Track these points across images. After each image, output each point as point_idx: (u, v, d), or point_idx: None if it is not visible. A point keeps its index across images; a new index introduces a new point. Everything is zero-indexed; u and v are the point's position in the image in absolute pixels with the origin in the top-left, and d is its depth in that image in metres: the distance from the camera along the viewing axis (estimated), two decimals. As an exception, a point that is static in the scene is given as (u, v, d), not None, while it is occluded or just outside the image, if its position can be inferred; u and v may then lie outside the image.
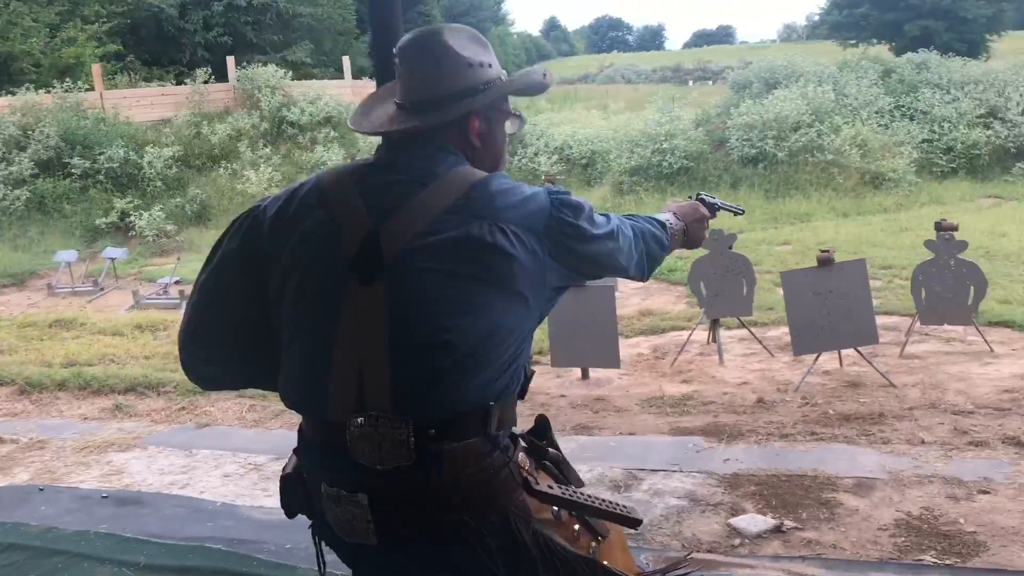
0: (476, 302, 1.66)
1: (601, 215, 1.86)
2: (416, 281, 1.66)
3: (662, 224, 2.06)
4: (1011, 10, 42.68)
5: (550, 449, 1.86)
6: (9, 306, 11.47)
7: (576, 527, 1.79)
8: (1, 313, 10.84)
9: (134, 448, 5.39)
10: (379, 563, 1.77)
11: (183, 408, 6.25)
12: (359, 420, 1.66)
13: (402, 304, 1.66)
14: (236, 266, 1.85)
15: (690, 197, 2.36)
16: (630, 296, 10.00)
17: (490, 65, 1.83)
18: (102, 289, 11.87)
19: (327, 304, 1.71)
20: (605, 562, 1.79)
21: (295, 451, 1.86)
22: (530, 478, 1.74)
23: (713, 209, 2.34)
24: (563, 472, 1.85)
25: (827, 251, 6.46)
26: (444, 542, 1.70)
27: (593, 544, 1.80)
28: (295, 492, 1.85)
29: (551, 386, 6.95)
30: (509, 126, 1.92)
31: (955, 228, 6.82)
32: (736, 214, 2.64)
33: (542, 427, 1.90)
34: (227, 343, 1.89)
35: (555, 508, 1.75)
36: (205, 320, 1.89)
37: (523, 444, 1.80)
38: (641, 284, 10.69)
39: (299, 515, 1.89)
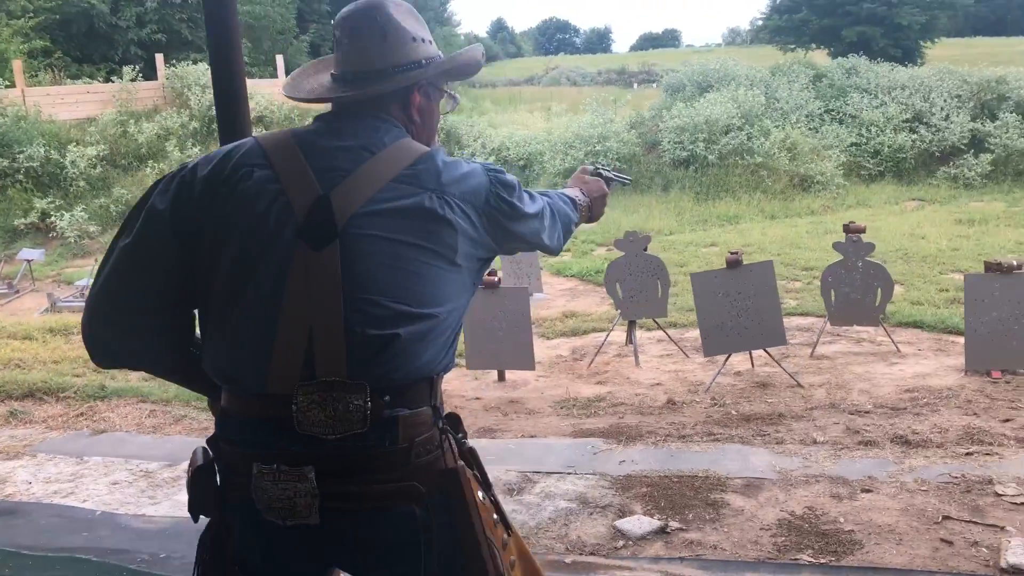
0: (426, 272, 1.67)
1: (526, 192, 1.88)
2: (370, 247, 1.64)
3: (572, 201, 2.13)
4: (944, 18, 43.73)
5: (465, 441, 1.83)
6: (-83, 309, 11.08)
7: (495, 516, 1.77)
8: (-93, 316, 10.46)
9: (23, 456, 5.21)
10: (308, 547, 1.68)
11: (81, 414, 6.07)
12: (308, 388, 1.60)
13: (356, 270, 1.63)
14: (164, 229, 1.71)
15: (588, 168, 2.41)
16: (556, 298, 10.02)
17: (429, 42, 1.85)
18: (17, 292, 11.54)
19: (272, 270, 1.64)
20: (512, 557, 1.78)
21: (209, 440, 1.76)
22: (465, 457, 1.75)
23: (609, 183, 2.38)
24: (479, 461, 1.84)
25: (735, 253, 6.51)
26: (385, 513, 1.65)
27: (505, 536, 1.78)
28: (208, 486, 1.73)
29: (467, 388, 6.91)
30: (444, 104, 1.94)
31: (863, 230, 6.92)
32: (624, 184, 2.63)
33: (456, 422, 1.85)
34: (148, 311, 1.74)
35: (481, 493, 1.74)
36: (124, 285, 1.73)
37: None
38: (568, 285, 10.73)
39: (190, 521, 1.76)
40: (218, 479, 1.73)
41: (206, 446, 1.77)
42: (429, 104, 1.88)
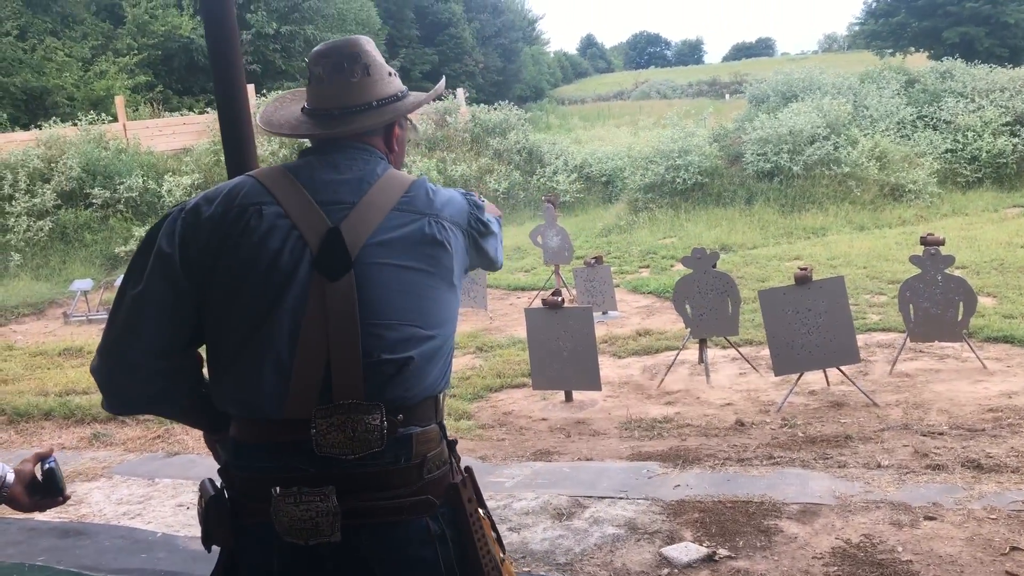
0: (431, 295, 1.78)
1: None
2: (381, 275, 1.73)
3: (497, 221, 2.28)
4: (1054, 13, 41.70)
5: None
6: (26, 335, 11.72)
7: (494, 534, 1.85)
8: (16, 343, 11.08)
9: (100, 478, 5.44)
10: (327, 565, 1.72)
11: (158, 436, 6.30)
12: (326, 412, 1.68)
13: (370, 298, 1.71)
14: (174, 272, 1.75)
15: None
16: (631, 316, 9.91)
17: (397, 74, 1.97)
18: (115, 317, 12.06)
19: (290, 302, 1.71)
20: None
21: (220, 470, 1.83)
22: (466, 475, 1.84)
23: None
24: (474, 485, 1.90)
25: (805, 268, 6.32)
26: (401, 526, 1.72)
27: (502, 555, 1.85)
28: (220, 516, 1.78)
29: (534, 409, 6.89)
30: (409, 134, 2.05)
31: (941, 242, 6.63)
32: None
33: (453, 443, 1.92)
34: (163, 355, 1.78)
35: (482, 510, 1.83)
36: (139, 333, 1.76)
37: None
38: (645, 303, 10.59)
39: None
40: (228, 507, 1.77)
41: (212, 478, 1.82)
42: (403, 134, 1.99)
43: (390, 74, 1.91)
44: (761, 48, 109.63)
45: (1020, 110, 16.55)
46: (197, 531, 4.38)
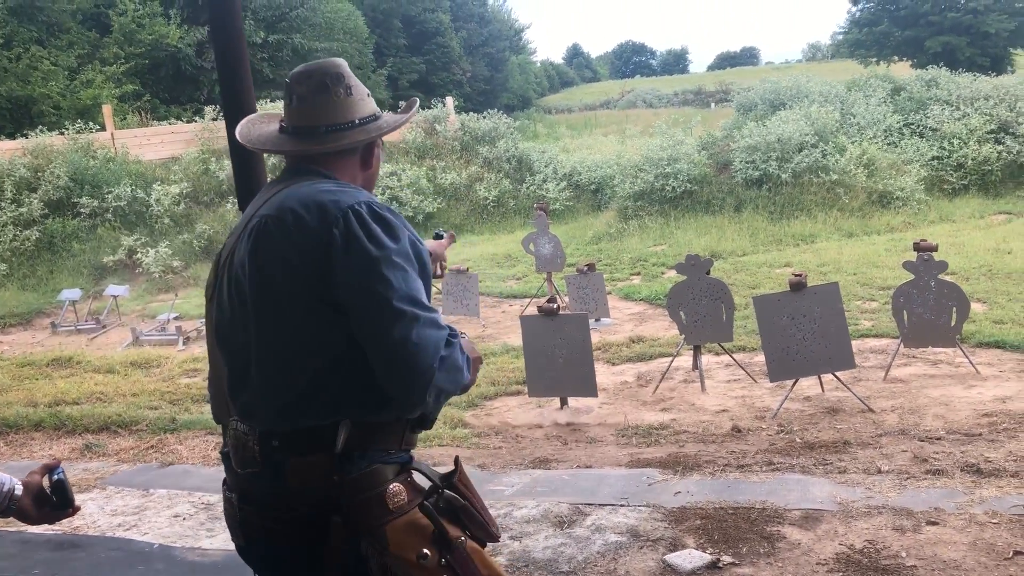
0: (325, 316, 1.76)
1: None
2: (268, 294, 1.79)
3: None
4: (1035, 23, 42.18)
5: (447, 492, 1.86)
6: (13, 346, 11.61)
7: None
8: (3, 353, 10.97)
9: (93, 489, 5.38)
10: (254, 564, 1.90)
11: (152, 447, 6.24)
12: (231, 423, 1.84)
13: (226, 316, 1.84)
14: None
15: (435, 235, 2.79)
16: (624, 323, 9.91)
17: (371, 97, 2.03)
18: (104, 327, 11.99)
19: (212, 312, 1.92)
20: None
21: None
22: (405, 511, 1.78)
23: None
24: (461, 518, 1.85)
25: (799, 275, 6.34)
26: (288, 547, 1.79)
27: None
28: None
29: (530, 416, 6.87)
30: (380, 152, 2.10)
31: (934, 248, 6.67)
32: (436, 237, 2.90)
33: (451, 472, 1.92)
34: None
35: (423, 551, 1.76)
36: None
37: (412, 478, 1.83)
38: (637, 310, 10.60)
39: (234, 552, 1.96)
40: None
41: None
42: (379, 152, 2.06)
43: (368, 95, 1.98)
44: (745, 57, 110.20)
45: (1004, 118, 16.68)
46: (194, 542, 4.37)
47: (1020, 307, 8.49)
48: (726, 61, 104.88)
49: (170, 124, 20.38)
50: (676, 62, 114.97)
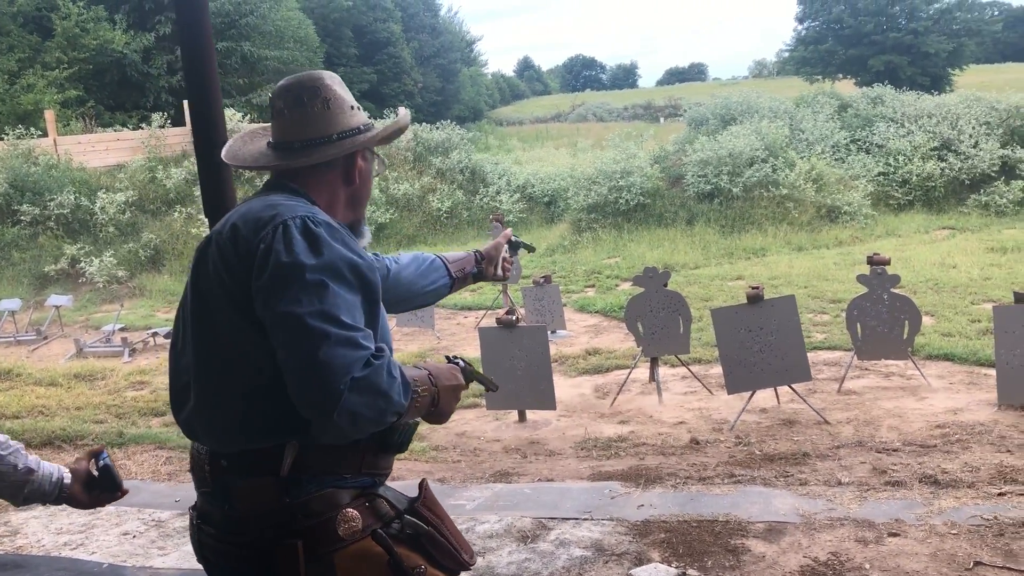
0: (253, 335, 1.68)
1: None
2: (204, 310, 1.75)
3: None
4: (972, 45, 43.56)
5: (408, 518, 1.78)
6: (-51, 357, 11.21)
7: None
8: (-61, 364, 10.57)
9: (36, 506, 5.17)
10: None
11: (98, 462, 6.03)
12: (193, 442, 1.83)
13: (197, 332, 1.76)
14: None
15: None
16: (579, 335, 9.91)
17: (361, 109, 1.96)
18: (45, 338, 11.64)
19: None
20: None
21: None
22: (356, 539, 1.70)
23: (516, 247, 2.59)
24: (425, 547, 1.77)
25: (756, 287, 6.39)
26: (240, 572, 1.75)
27: None
28: None
29: (487, 429, 6.81)
30: (376, 167, 2.02)
31: (887, 262, 6.77)
32: (528, 250, 2.81)
33: (415, 497, 1.85)
34: None
35: None
36: None
37: (372, 504, 1.75)
38: (592, 322, 10.61)
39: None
40: None
41: None
42: (367, 166, 1.97)
43: (352, 108, 1.91)
44: (694, 73, 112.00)
45: (947, 136, 17.13)
46: (145, 560, 4.22)
47: (966, 320, 8.68)
48: (675, 77, 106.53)
49: (115, 131, 19.91)
50: (626, 77, 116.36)
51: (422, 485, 1.86)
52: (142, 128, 19.26)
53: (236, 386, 1.68)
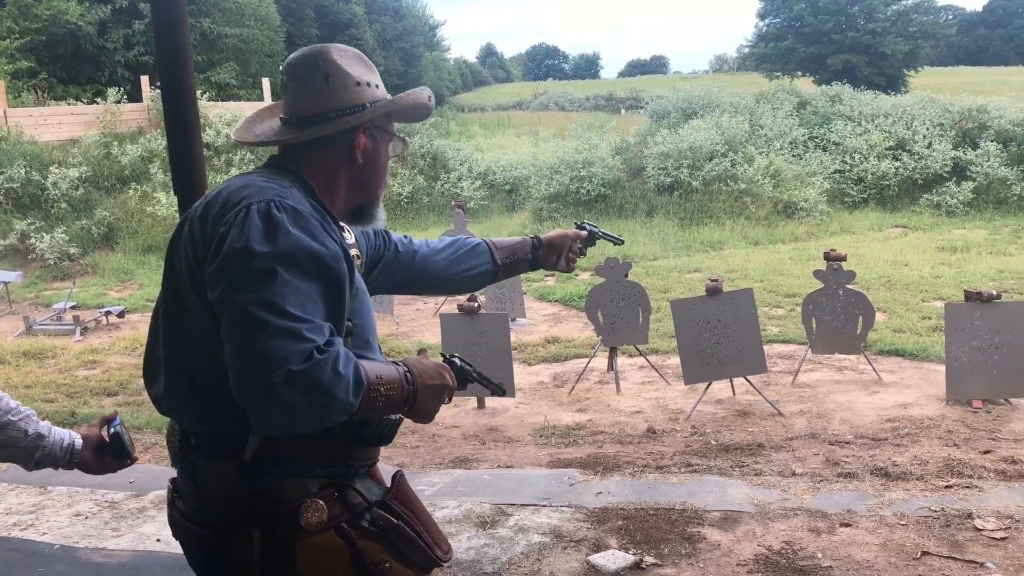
0: (212, 320, 1.64)
1: None
2: (175, 288, 1.72)
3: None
4: (927, 47, 44.34)
5: (380, 511, 1.72)
6: None
7: None
8: None
9: (-16, 486, 5.07)
10: (193, 562, 1.83)
11: (49, 441, 5.92)
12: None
13: (169, 310, 1.75)
14: None
15: (576, 224, 2.44)
16: (539, 323, 9.94)
17: (377, 86, 1.85)
18: (-7, 314, 11.37)
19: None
20: None
21: None
22: (319, 530, 1.65)
23: (594, 238, 2.45)
24: (395, 544, 1.72)
25: (715, 280, 6.46)
26: (202, 549, 1.74)
27: None
28: None
29: (446, 416, 6.81)
30: (392, 148, 1.92)
31: (843, 258, 6.89)
32: (616, 243, 2.69)
33: (392, 488, 1.78)
34: None
35: (338, 574, 1.66)
36: None
37: (342, 495, 1.69)
38: (552, 311, 10.65)
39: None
40: None
41: None
42: (375, 146, 1.87)
43: (359, 84, 1.82)
44: (655, 66, 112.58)
45: (901, 135, 17.44)
46: (99, 542, 4.16)
47: (917, 317, 8.87)
48: (636, 69, 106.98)
49: (69, 104, 19.44)
50: (588, 67, 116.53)
51: (395, 477, 1.80)
52: (97, 103, 18.82)
53: (202, 368, 1.65)
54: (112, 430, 2.05)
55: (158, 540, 4.13)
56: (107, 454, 2.06)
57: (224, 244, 1.57)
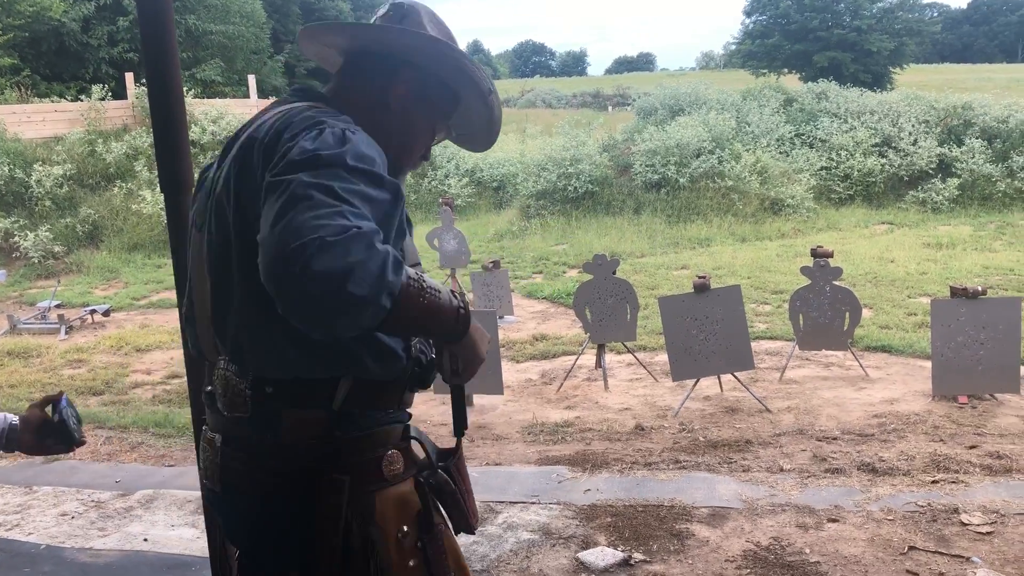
0: None
1: None
2: (241, 230, 1.57)
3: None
4: (912, 45, 44.58)
5: (442, 474, 1.74)
6: None
7: (412, 562, 1.66)
8: None
9: (-31, 486, 5.03)
10: (225, 513, 1.73)
11: (34, 441, 5.89)
12: (220, 361, 1.66)
13: (214, 250, 1.62)
14: None
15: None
16: (527, 320, 9.94)
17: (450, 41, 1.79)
18: (-24, 313, 11.27)
19: (188, 251, 1.77)
20: None
21: None
22: (397, 482, 1.65)
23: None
24: (447, 505, 1.74)
25: (703, 277, 6.47)
26: (268, 501, 1.62)
27: None
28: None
29: (434, 414, 6.79)
30: (438, 129, 1.85)
31: (830, 255, 6.91)
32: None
33: (450, 451, 1.80)
34: None
35: (404, 527, 1.64)
36: None
37: (409, 447, 1.70)
38: (539, 308, 10.65)
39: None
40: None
41: None
42: (416, 108, 1.77)
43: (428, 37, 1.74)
44: (642, 63, 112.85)
45: (887, 132, 17.51)
46: (85, 542, 4.13)
47: (903, 313, 8.91)
48: (623, 66, 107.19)
49: (53, 102, 19.28)
50: (575, 64, 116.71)
51: (459, 444, 1.80)
52: (81, 100, 18.69)
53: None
54: (58, 415, 1.97)
55: (145, 540, 4.11)
56: (49, 436, 1.98)
57: (292, 148, 1.45)
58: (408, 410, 1.75)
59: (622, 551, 3.78)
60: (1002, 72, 44.84)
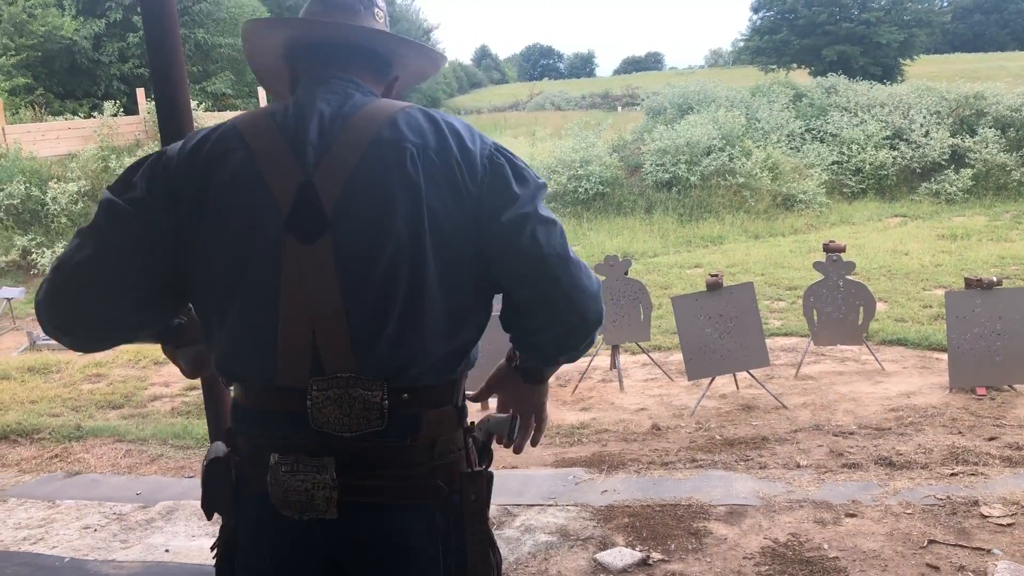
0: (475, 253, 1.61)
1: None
2: (434, 236, 1.55)
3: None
4: (922, 35, 44.29)
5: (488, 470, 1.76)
6: None
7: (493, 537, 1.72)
8: None
9: (-7, 502, 5.09)
10: (320, 544, 1.60)
11: (56, 455, 5.95)
12: (323, 384, 1.53)
13: (353, 260, 1.52)
14: (144, 213, 1.58)
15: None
16: (540, 323, 9.95)
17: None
18: (-4, 331, 11.39)
19: (264, 264, 1.53)
20: None
21: (225, 432, 1.68)
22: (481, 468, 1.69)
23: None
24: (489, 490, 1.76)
25: (716, 275, 6.47)
26: (403, 511, 1.58)
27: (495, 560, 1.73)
28: (222, 480, 1.65)
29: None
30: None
31: (843, 249, 6.89)
32: None
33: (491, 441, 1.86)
34: (121, 296, 1.59)
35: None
36: (98, 273, 1.58)
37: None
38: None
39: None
40: (234, 474, 1.65)
41: (224, 440, 1.71)
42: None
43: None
44: (650, 62, 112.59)
45: (898, 125, 17.45)
46: (108, 554, 4.17)
47: (919, 306, 8.87)
48: (632, 66, 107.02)
49: (66, 119, 19.47)
50: (583, 66, 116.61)
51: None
52: (94, 116, 18.85)
53: (462, 317, 1.64)
54: None
55: (166, 551, 4.15)
56: None
57: (511, 172, 1.68)
58: None
59: (640, 551, 3.78)
60: (1015, 60, 44.46)
